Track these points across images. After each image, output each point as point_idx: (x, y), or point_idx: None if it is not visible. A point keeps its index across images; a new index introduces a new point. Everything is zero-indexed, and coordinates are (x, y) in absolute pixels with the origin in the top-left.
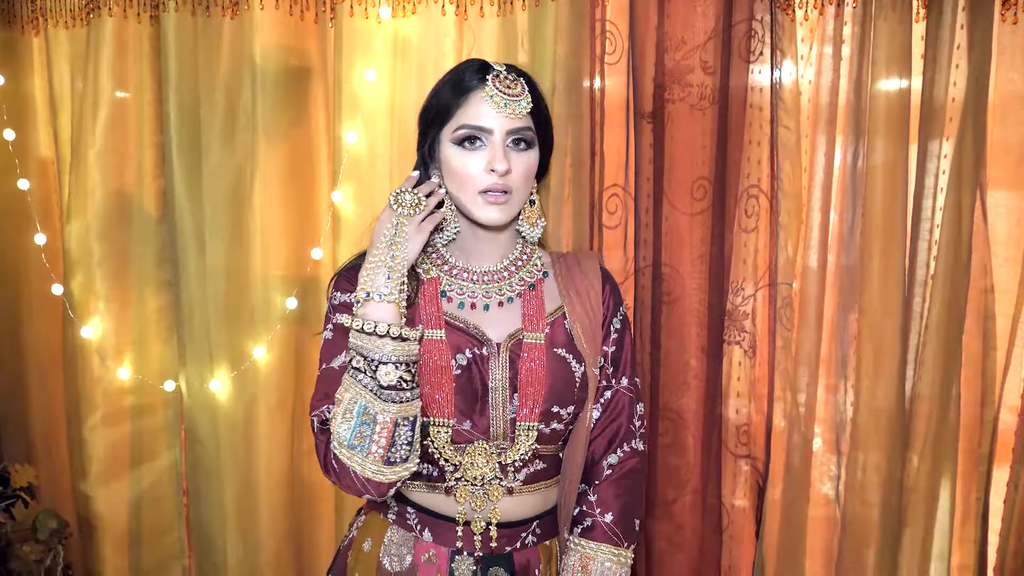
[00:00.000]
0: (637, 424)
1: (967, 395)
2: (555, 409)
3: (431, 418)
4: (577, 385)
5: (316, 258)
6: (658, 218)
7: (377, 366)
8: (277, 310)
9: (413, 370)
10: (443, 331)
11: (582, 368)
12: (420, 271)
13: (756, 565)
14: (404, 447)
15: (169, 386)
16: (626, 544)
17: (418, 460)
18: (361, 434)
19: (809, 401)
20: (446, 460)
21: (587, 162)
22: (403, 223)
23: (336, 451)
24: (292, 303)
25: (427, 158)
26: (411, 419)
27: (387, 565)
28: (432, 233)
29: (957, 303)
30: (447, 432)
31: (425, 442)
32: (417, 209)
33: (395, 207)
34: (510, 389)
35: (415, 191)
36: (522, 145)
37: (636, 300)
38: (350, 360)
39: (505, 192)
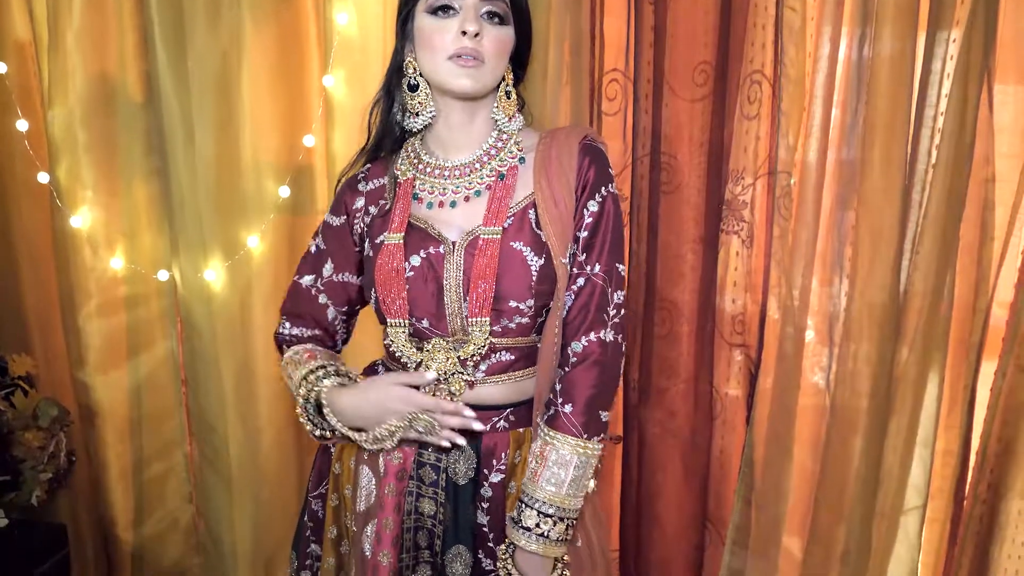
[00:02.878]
0: (611, 313)
1: (962, 285)
2: (512, 304)
3: (389, 319)
4: (535, 279)
5: (308, 145)
6: (658, 105)
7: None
8: (270, 198)
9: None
10: (402, 235)
11: (541, 260)
12: (397, 173)
13: (746, 450)
14: None
15: (163, 276)
16: (586, 436)
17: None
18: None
19: (804, 293)
20: (408, 358)
21: (586, 46)
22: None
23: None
24: (285, 191)
25: (402, 33)
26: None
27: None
28: (408, 117)
29: (957, 192)
30: (404, 331)
31: (387, 341)
32: (431, 432)
33: (408, 424)
34: (464, 287)
35: (430, 415)
36: (496, 19)
37: (634, 190)
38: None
39: (475, 59)
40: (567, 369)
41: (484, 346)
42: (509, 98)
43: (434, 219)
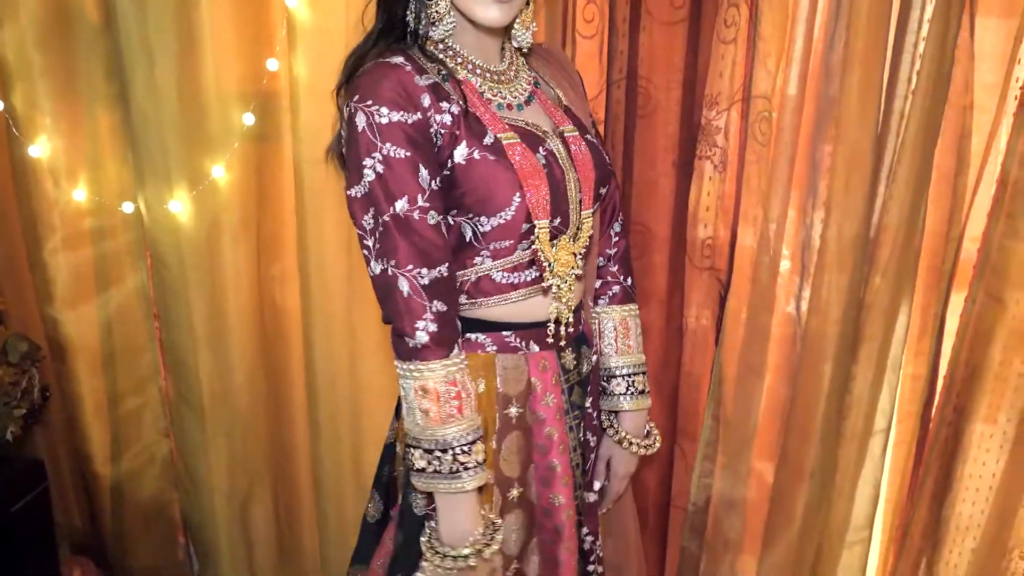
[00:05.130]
0: (618, 195)
1: (936, 212)
2: (601, 191)
3: (537, 221)
4: (609, 164)
5: (272, 69)
6: (635, 28)
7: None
8: (235, 127)
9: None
10: (512, 133)
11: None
12: (450, 69)
13: (715, 370)
14: None
15: (128, 207)
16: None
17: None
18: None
19: (780, 222)
20: (546, 259)
21: None
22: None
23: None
24: (249, 119)
25: None
26: None
27: (505, 391)
28: (423, 23)
29: (935, 118)
30: (546, 232)
31: (535, 246)
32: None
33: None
34: (574, 180)
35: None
36: None
37: (609, 114)
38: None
39: None
40: (613, 251)
41: (589, 237)
42: (529, 7)
43: (520, 118)
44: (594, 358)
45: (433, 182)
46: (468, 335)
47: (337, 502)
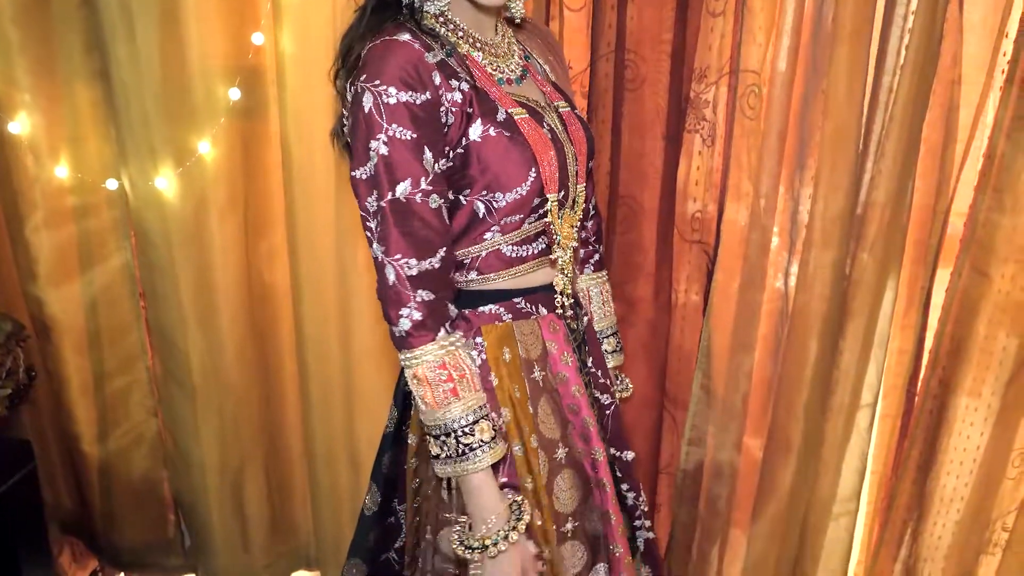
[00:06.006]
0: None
1: (923, 186)
2: (590, 164)
3: (549, 195)
4: (594, 139)
5: (257, 43)
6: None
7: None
8: (220, 102)
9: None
10: (520, 109)
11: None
12: (453, 44)
13: (702, 342)
14: None
15: (112, 184)
16: None
17: None
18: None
19: (770, 198)
20: (556, 231)
21: None
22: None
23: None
24: (235, 94)
25: None
26: None
27: (527, 356)
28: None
29: (923, 93)
30: (556, 205)
31: (546, 219)
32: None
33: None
34: (572, 154)
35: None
36: None
37: (597, 88)
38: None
39: None
40: (591, 220)
41: (583, 209)
42: None
43: (521, 93)
44: (585, 319)
45: (437, 164)
46: (482, 308)
47: (330, 475)
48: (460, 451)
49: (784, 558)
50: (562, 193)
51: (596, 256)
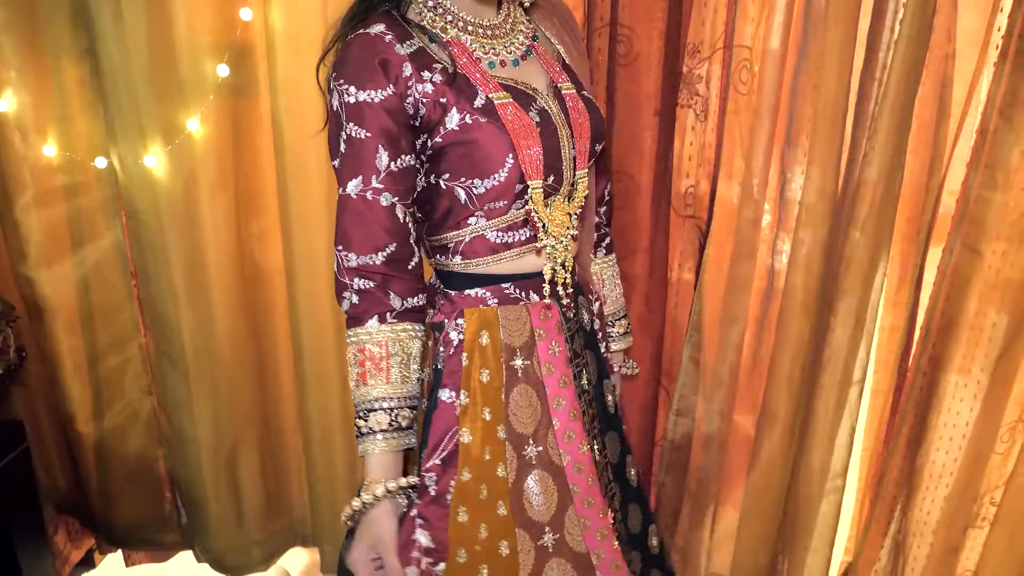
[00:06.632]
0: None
1: (915, 163)
2: (596, 148)
3: (531, 182)
4: (604, 121)
5: (246, 19)
6: None
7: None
8: (208, 79)
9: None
10: (506, 93)
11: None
12: (437, 30)
13: (692, 316)
14: None
15: (101, 163)
16: None
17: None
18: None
19: (761, 175)
20: (540, 220)
21: None
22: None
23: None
24: (224, 71)
25: None
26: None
27: (509, 342)
28: None
29: (916, 69)
30: (540, 192)
31: (527, 207)
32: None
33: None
34: (567, 137)
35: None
36: None
37: (590, 63)
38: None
39: None
40: (604, 206)
41: (584, 196)
42: None
43: (513, 77)
44: (596, 306)
45: (396, 162)
46: (467, 291)
47: (325, 453)
48: (358, 431)
49: (774, 533)
50: (551, 179)
51: (608, 239)
